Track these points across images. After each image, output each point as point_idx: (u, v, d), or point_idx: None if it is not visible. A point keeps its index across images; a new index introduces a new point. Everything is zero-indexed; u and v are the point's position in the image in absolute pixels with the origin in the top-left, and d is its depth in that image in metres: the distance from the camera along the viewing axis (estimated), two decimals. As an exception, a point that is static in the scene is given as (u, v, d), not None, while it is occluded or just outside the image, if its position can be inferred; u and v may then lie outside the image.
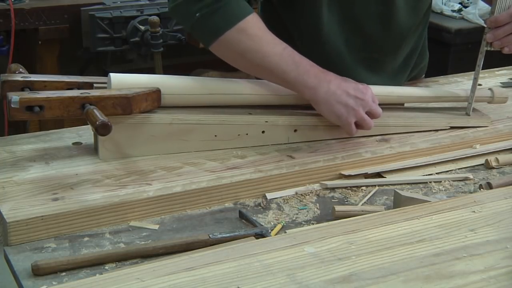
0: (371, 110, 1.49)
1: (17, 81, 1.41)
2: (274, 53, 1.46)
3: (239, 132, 1.48)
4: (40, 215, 1.20)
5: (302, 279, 1.00)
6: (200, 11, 1.45)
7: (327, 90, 1.46)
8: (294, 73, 1.46)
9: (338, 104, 1.46)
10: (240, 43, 1.46)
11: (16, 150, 1.45)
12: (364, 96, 1.48)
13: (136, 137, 1.42)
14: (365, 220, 1.17)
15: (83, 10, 2.95)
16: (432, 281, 1.01)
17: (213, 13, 1.45)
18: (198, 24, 1.47)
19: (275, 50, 1.47)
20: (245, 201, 1.36)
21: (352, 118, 1.47)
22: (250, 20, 1.47)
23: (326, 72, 1.49)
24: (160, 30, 2.96)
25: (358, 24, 1.65)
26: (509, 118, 1.69)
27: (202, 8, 1.45)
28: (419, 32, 1.77)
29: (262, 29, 1.48)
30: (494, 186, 1.36)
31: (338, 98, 1.46)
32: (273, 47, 1.47)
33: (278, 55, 1.46)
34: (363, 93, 1.48)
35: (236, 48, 1.47)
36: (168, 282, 0.99)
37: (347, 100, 1.46)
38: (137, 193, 1.29)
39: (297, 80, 1.46)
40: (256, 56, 1.46)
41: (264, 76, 1.52)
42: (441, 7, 3.48)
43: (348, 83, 1.49)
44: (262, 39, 1.47)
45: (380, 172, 1.47)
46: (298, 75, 1.46)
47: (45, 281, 1.09)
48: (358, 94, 1.47)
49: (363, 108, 1.47)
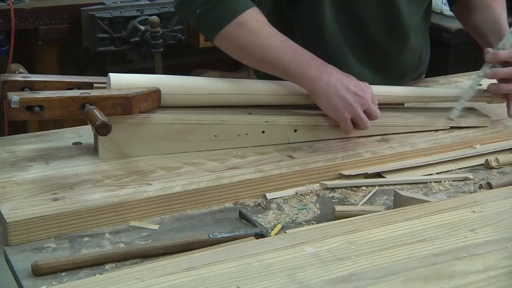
0: (369, 109, 1.48)
1: (17, 81, 1.41)
2: (274, 45, 1.48)
3: (239, 132, 1.48)
4: (40, 215, 1.20)
5: (302, 279, 1.00)
6: (200, 7, 1.48)
7: (328, 82, 1.46)
8: (294, 64, 1.46)
9: (336, 97, 1.46)
10: (240, 37, 1.48)
11: (16, 150, 1.45)
12: (364, 94, 1.47)
13: (136, 137, 1.42)
14: (365, 220, 1.17)
15: (83, 10, 2.95)
16: (432, 281, 1.01)
17: (213, 8, 1.47)
18: (199, 20, 1.50)
19: (275, 42, 1.48)
20: (245, 201, 1.36)
21: (348, 113, 1.46)
22: (250, 14, 1.48)
23: (328, 65, 1.49)
24: (160, 30, 2.96)
25: (361, 24, 1.65)
26: (509, 118, 1.69)
27: (202, 4, 1.48)
28: (422, 32, 1.77)
29: (261, 23, 1.50)
30: (494, 186, 1.36)
31: (337, 91, 1.46)
32: (272, 39, 1.48)
33: (278, 47, 1.47)
34: (363, 90, 1.48)
35: (236, 42, 1.49)
36: (168, 282, 0.99)
37: (346, 95, 1.46)
38: (137, 193, 1.29)
39: (297, 71, 1.47)
40: (255, 49, 1.48)
41: (265, 69, 1.54)
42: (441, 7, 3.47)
43: (349, 79, 1.49)
44: (261, 32, 1.48)
45: (380, 172, 1.46)
46: (299, 65, 1.46)
47: (45, 281, 1.09)
48: (358, 91, 1.47)
49: (361, 105, 1.47)
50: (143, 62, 3.16)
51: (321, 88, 1.46)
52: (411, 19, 1.69)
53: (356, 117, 1.47)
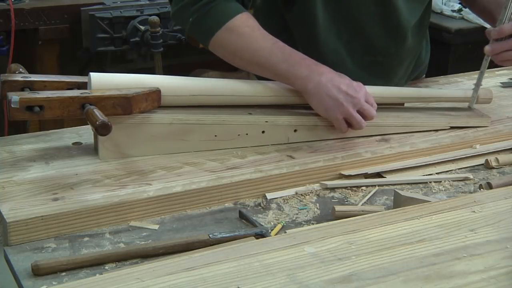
0: (363, 109, 1.48)
1: (17, 81, 1.41)
2: (264, 48, 1.49)
3: (239, 132, 1.48)
4: (40, 215, 1.20)
5: (302, 279, 1.00)
6: (192, 16, 1.52)
7: (318, 82, 1.46)
8: (284, 65, 1.48)
9: (327, 97, 1.46)
10: (231, 42, 1.51)
11: (16, 150, 1.45)
12: (356, 93, 1.47)
13: (136, 137, 1.42)
14: (365, 220, 1.17)
15: (83, 10, 2.95)
16: (432, 281, 1.01)
17: (204, 16, 1.51)
18: (192, 28, 1.54)
19: (264, 45, 1.50)
20: (245, 201, 1.36)
21: (339, 113, 1.47)
22: (239, 19, 1.50)
23: (320, 65, 1.49)
24: (160, 30, 2.96)
25: (358, 26, 1.64)
26: (509, 118, 1.69)
27: (193, 12, 1.51)
28: (421, 32, 1.77)
29: (251, 27, 1.51)
30: (494, 186, 1.36)
31: (328, 91, 1.46)
32: (262, 43, 1.50)
33: (268, 50, 1.49)
34: (355, 90, 1.48)
35: (227, 47, 1.52)
36: (168, 282, 0.99)
37: (337, 95, 1.46)
38: (137, 193, 1.29)
39: (288, 71, 1.48)
40: (246, 53, 1.51)
41: (257, 71, 1.56)
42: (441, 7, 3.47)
43: (342, 78, 1.49)
44: (251, 36, 1.50)
45: (380, 172, 1.46)
46: (289, 66, 1.48)
47: (45, 281, 1.09)
48: (349, 91, 1.47)
49: (353, 105, 1.46)
50: (143, 62, 3.16)
51: (311, 88, 1.47)
52: (409, 19, 1.68)
53: (349, 117, 1.47)
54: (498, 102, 1.77)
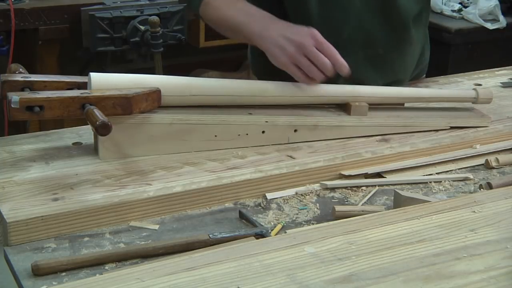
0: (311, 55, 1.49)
1: (17, 81, 1.41)
2: (232, 14, 1.61)
3: (239, 132, 1.48)
4: (40, 215, 1.20)
5: (302, 279, 1.00)
6: None
7: (270, 35, 1.53)
8: (246, 25, 1.58)
9: (274, 47, 1.52)
10: (210, 15, 1.67)
11: (16, 150, 1.45)
12: (301, 38, 1.50)
13: (136, 137, 1.42)
14: (365, 220, 1.17)
15: (83, 10, 2.95)
16: (432, 281, 1.01)
17: None
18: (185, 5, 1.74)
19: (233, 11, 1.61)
20: (245, 201, 1.36)
21: (285, 58, 1.50)
22: None
23: (277, 20, 1.56)
24: (160, 30, 2.96)
25: (358, 19, 1.65)
26: (509, 118, 1.69)
27: None
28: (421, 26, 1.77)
29: None
30: (494, 186, 1.36)
31: (273, 41, 1.52)
32: (232, 9, 1.61)
33: (235, 14, 1.60)
34: (300, 35, 1.50)
35: (209, 19, 1.69)
36: (168, 282, 0.99)
37: (283, 42, 1.50)
38: (137, 193, 1.29)
39: (248, 29, 1.57)
40: (222, 22, 1.65)
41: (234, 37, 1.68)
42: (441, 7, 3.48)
43: (290, 28, 1.54)
44: (223, 6, 1.63)
45: (380, 172, 1.46)
46: (248, 24, 1.57)
47: (45, 281, 1.09)
48: (294, 37, 1.50)
49: (298, 49, 1.49)
50: (143, 62, 3.16)
51: (264, 42, 1.54)
52: (409, 10, 1.69)
53: (297, 63, 1.50)
54: (498, 102, 1.77)
